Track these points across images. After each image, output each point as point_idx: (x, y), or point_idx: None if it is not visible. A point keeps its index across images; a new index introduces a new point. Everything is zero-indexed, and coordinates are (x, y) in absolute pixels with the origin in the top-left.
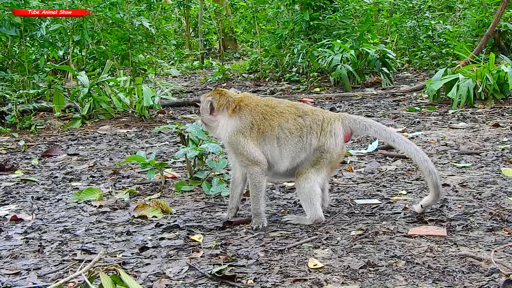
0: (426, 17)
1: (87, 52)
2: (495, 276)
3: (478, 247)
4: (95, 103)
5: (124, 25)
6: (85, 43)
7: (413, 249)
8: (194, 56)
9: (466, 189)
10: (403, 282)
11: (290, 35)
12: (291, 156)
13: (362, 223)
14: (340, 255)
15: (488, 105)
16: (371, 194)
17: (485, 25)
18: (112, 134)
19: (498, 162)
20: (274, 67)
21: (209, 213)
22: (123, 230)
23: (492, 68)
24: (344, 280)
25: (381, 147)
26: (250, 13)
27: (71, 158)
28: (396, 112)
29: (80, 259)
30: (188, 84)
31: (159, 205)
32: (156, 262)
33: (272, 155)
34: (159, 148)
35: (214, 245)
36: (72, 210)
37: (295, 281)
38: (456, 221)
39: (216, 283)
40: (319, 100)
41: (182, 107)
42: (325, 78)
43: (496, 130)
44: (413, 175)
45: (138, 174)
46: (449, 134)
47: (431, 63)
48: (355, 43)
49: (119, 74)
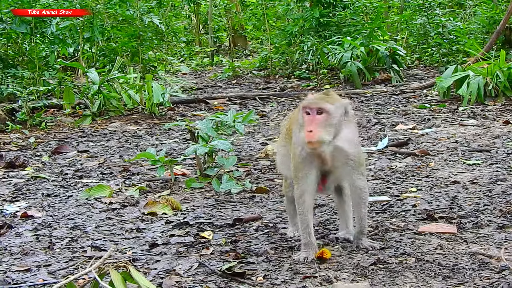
0: (437, 14)
1: (97, 49)
2: (505, 273)
3: (488, 245)
4: (105, 100)
5: (134, 22)
6: (95, 40)
7: (423, 246)
8: (204, 53)
9: (476, 187)
10: (413, 280)
11: (300, 32)
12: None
13: (372, 220)
14: (349, 252)
15: (498, 102)
16: (381, 191)
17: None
18: (122, 131)
19: (508, 159)
20: (284, 64)
21: (219, 210)
22: (133, 227)
23: (502, 65)
24: (354, 277)
25: (391, 144)
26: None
27: (81, 155)
28: (406, 109)
29: (90, 256)
30: (198, 81)
31: (169, 202)
32: (166, 259)
33: None
34: (169, 145)
35: (224, 242)
36: (82, 207)
37: (304, 278)
38: (466, 219)
39: (226, 280)
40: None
41: (192, 104)
42: (335, 75)
43: (506, 127)
44: (423, 172)
45: (148, 171)
46: (459, 131)
47: (441, 60)
48: (365, 40)
49: (129, 71)
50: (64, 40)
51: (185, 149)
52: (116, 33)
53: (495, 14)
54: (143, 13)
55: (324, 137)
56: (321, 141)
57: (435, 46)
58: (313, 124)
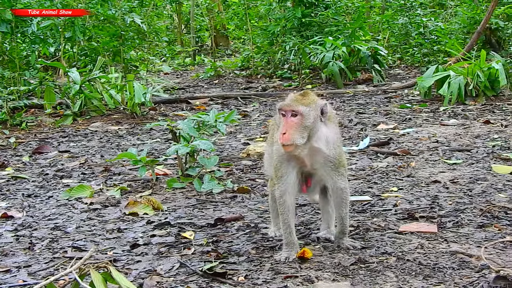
0: (418, 14)
1: (79, 49)
2: (485, 272)
3: (468, 244)
4: (87, 100)
5: (116, 21)
6: (77, 40)
7: (404, 246)
8: (186, 53)
9: (456, 186)
10: (394, 279)
11: (282, 32)
12: None
13: (353, 220)
14: (331, 251)
15: (479, 102)
16: (362, 191)
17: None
18: (103, 131)
19: (488, 159)
20: (266, 64)
21: (201, 210)
22: (114, 227)
23: (483, 65)
24: (335, 277)
25: (372, 143)
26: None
27: (62, 155)
28: (387, 109)
29: (70, 257)
30: (180, 81)
31: (150, 202)
32: (147, 259)
33: None
34: (151, 145)
35: (205, 242)
36: (63, 207)
37: (286, 277)
38: (446, 218)
39: (207, 280)
40: None
41: (174, 104)
42: (317, 75)
43: (487, 127)
44: (404, 171)
45: (130, 171)
46: (440, 131)
47: (422, 60)
48: (347, 40)
49: (111, 71)
50: (45, 39)
51: (166, 149)
52: (98, 32)
53: (475, 15)
54: (125, 12)
55: (297, 140)
56: (294, 144)
57: (416, 46)
58: (287, 126)
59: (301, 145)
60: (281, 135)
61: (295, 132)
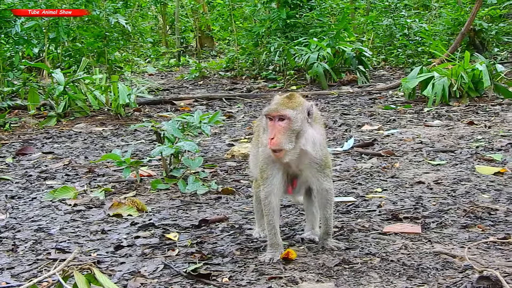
0: (402, 16)
1: (63, 50)
2: (469, 272)
3: (452, 244)
4: (71, 101)
5: (100, 22)
6: (61, 41)
7: (388, 247)
8: (171, 54)
9: (440, 187)
10: (378, 279)
11: (267, 33)
12: None
13: (338, 221)
14: (315, 252)
15: (463, 103)
16: (346, 191)
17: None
18: (87, 132)
19: (472, 160)
20: (251, 65)
21: (185, 211)
22: (98, 228)
23: (467, 66)
24: (319, 278)
25: (357, 144)
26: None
27: (46, 156)
28: (372, 110)
29: (54, 258)
30: (165, 82)
31: (134, 203)
32: (131, 260)
33: None
34: (135, 146)
35: (190, 243)
36: (47, 208)
37: (270, 278)
38: (430, 219)
39: (191, 281)
40: None
41: (158, 105)
42: (302, 76)
43: (470, 128)
44: (389, 172)
45: (114, 172)
46: (424, 132)
47: (407, 61)
48: (332, 41)
49: (95, 72)
50: (29, 40)
51: (151, 150)
52: (82, 33)
53: (460, 16)
54: (109, 13)
55: (286, 145)
56: (283, 149)
57: (400, 47)
58: (275, 131)
59: (291, 150)
60: (270, 140)
61: (283, 136)
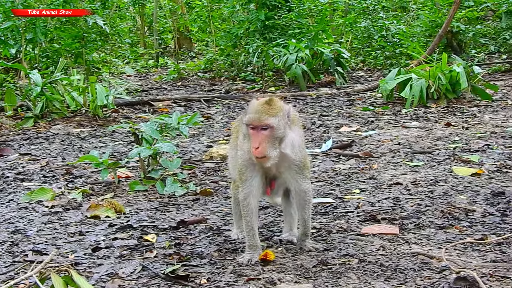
0: (380, 17)
1: (40, 50)
2: (446, 273)
3: (429, 245)
4: (48, 102)
5: (78, 23)
6: (38, 41)
7: (366, 248)
8: (149, 55)
9: (418, 188)
10: (356, 280)
11: (246, 34)
12: None
13: (316, 222)
14: (293, 253)
15: (440, 104)
16: (324, 193)
17: (438, 25)
18: (65, 134)
19: (449, 161)
20: (229, 66)
21: (163, 213)
22: (75, 230)
23: (444, 68)
24: (298, 279)
25: (335, 146)
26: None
27: (23, 157)
28: (350, 111)
29: (31, 260)
30: (143, 83)
31: (112, 205)
32: (109, 262)
33: None
34: (113, 147)
35: (168, 245)
36: (24, 210)
37: (248, 280)
38: (408, 220)
39: (169, 283)
40: None
41: (137, 106)
42: (280, 77)
43: (448, 129)
44: (367, 174)
45: (92, 174)
46: (402, 133)
47: (385, 63)
48: (310, 43)
49: (73, 73)
50: (6, 41)
51: (129, 152)
52: (60, 34)
53: (437, 18)
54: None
55: (272, 153)
56: (268, 157)
57: (379, 49)
58: (259, 140)
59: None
60: (254, 149)
61: (268, 144)
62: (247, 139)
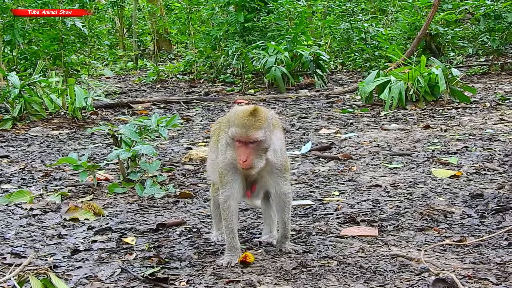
0: (359, 20)
1: (18, 52)
2: (425, 275)
3: (408, 247)
4: (26, 104)
5: (57, 25)
6: (16, 43)
7: (345, 250)
8: (128, 57)
9: (397, 190)
10: (335, 282)
11: (225, 36)
12: None
13: (295, 224)
14: (273, 256)
15: (419, 107)
16: (304, 195)
17: (417, 28)
18: (43, 136)
19: (428, 163)
20: (209, 68)
21: (142, 215)
22: (54, 233)
23: (423, 70)
24: (277, 281)
25: (314, 148)
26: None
27: (1, 160)
28: (329, 113)
29: (9, 263)
30: (122, 85)
31: (91, 207)
32: (88, 265)
33: None
34: (92, 149)
35: (147, 247)
36: (2, 213)
37: (228, 282)
38: (387, 221)
39: (148, 286)
40: (254, 101)
41: (116, 109)
42: (260, 79)
43: (426, 132)
44: (346, 176)
45: (70, 176)
46: (381, 136)
47: (364, 65)
48: (289, 45)
49: (51, 75)
50: None
51: (108, 154)
52: (38, 36)
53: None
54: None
55: (259, 164)
56: (255, 167)
57: (358, 51)
58: (246, 153)
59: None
60: (242, 162)
61: (255, 157)
62: (230, 147)
